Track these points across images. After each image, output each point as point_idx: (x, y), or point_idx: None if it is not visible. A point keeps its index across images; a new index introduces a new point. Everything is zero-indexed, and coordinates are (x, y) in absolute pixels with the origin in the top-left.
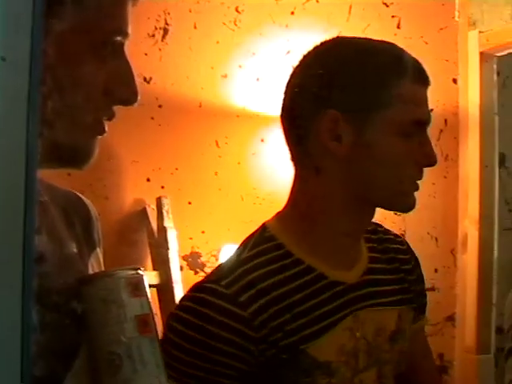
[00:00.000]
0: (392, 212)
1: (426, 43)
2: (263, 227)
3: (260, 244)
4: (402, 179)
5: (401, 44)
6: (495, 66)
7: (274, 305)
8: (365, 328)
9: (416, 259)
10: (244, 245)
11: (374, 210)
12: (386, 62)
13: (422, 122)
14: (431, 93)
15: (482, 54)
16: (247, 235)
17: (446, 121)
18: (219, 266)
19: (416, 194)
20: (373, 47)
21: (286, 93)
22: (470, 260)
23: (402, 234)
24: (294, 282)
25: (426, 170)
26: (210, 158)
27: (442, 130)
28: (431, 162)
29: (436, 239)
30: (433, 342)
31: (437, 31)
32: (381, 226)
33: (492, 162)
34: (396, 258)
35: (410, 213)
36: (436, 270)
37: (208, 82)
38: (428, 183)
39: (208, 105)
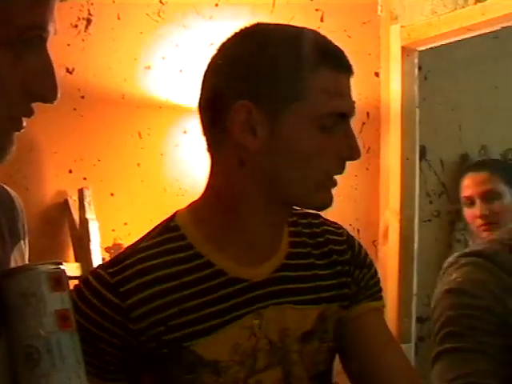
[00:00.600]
0: None
1: (349, 37)
2: (172, 216)
3: (162, 233)
4: (321, 174)
5: None
6: (416, 61)
7: (159, 298)
8: (269, 327)
9: (354, 248)
10: (148, 233)
11: (290, 209)
12: (301, 51)
13: (344, 113)
14: (353, 86)
15: (403, 48)
16: None
17: (368, 114)
18: (120, 252)
19: (334, 188)
20: (289, 36)
21: (203, 83)
22: (391, 251)
23: None
24: (187, 276)
25: (348, 162)
26: (132, 149)
27: (364, 123)
28: (354, 155)
29: (358, 231)
30: None
31: (360, 25)
32: (318, 217)
33: (413, 154)
34: (329, 251)
35: (332, 204)
36: None
37: (131, 73)
38: (350, 175)
39: (131, 96)
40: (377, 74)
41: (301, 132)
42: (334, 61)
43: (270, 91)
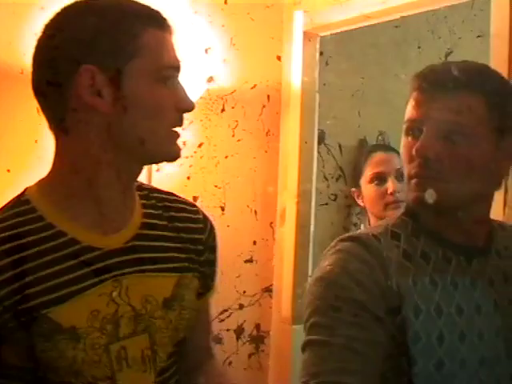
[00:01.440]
0: (212, 184)
1: (253, 20)
2: (22, 192)
3: (13, 207)
4: (166, 127)
5: (227, 19)
6: (318, 46)
7: (13, 267)
8: (130, 294)
9: (210, 230)
10: (1, 207)
11: (139, 170)
12: (130, 14)
13: (174, 67)
14: (255, 69)
15: (305, 33)
16: None
17: (268, 97)
18: None
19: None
20: (117, 3)
21: (38, 61)
22: (287, 233)
23: (222, 207)
24: (41, 245)
25: (248, 144)
26: (30, 125)
27: (264, 106)
28: (190, 106)
29: (255, 212)
30: (250, 312)
31: (263, 8)
32: (173, 194)
33: (311, 138)
34: (182, 227)
35: (231, 186)
36: (255, 243)
37: (30, 49)
38: (249, 157)
39: (30, 72)
40: (279, 58)
41: (142, 87)
42: (159, 21)
43: (108, 53)
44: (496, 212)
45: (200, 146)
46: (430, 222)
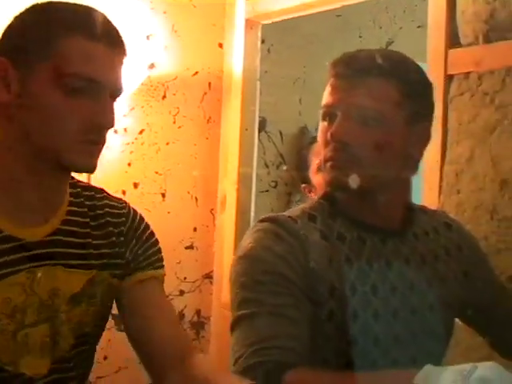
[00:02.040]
0: (153, 171)
1: (195, 7)
2: None
3: None
4: (74, 136)
5: (169, 6)
6: (260, 34)
7: None
8: (40, 286)
9: (133, 221)
10: None
11: (61, 174)
12: (55, 19)
13: (95, 80)
14: (197, 56)
15: (247, 20)
16: None
17: (210, 84)
18: None
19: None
20: (52, 6)
21: None
22: (228, 220)
23: (163, 194)
24: None
25: (189, 131)
26: None
27: (205, 93)
28: (102, 123)
29: (196, 199)
30: (191, 298)
31: None
32: (102, 191)
33: (252, 125)
34: (104, 223)
35: (171, 172)
36: (195, 229)
37: None
38: (190, 144)
39: None
40: (220, 45)
41: (45, 90)
42: (92, 32)
43: (22, 51)
44: (431, 199)
45: (141, 132)
46: (346, 205)
